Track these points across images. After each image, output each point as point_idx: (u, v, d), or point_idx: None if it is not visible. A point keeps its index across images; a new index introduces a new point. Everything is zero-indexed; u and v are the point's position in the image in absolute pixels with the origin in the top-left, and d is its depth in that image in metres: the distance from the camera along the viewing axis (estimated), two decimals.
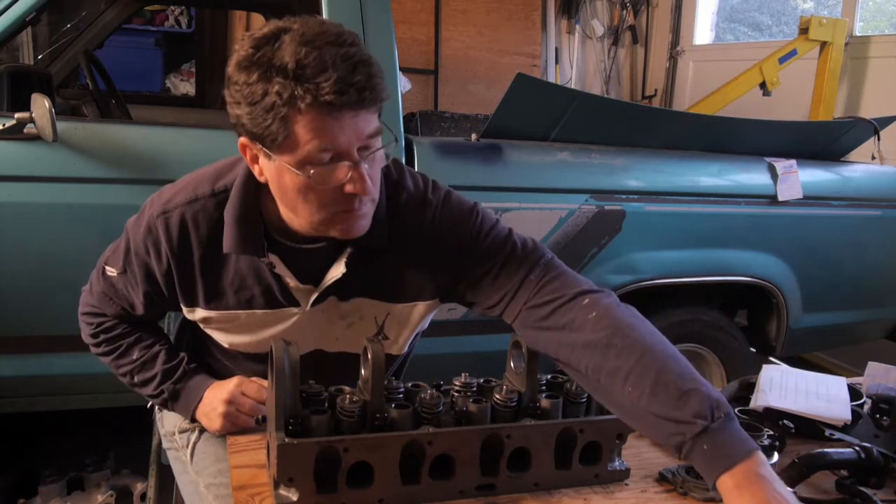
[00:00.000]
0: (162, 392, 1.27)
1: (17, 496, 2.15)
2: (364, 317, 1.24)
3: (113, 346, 1.31)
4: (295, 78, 0.95)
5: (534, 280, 1.13)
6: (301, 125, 0.97)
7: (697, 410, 0.94)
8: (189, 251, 1.17)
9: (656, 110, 3.84)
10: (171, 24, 5.26)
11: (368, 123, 1.01)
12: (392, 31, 2.14)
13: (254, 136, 1.02)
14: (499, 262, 1.16)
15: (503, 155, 2.20)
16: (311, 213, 1.06)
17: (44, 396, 2.09)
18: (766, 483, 0.89)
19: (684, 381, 0.97)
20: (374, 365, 0.99)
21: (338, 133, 0.98)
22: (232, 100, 1.02)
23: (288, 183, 1.03)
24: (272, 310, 1.20)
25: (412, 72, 4.80)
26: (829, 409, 1.28)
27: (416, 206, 1.19)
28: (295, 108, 0.96)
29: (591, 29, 5.63)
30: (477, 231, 1.18)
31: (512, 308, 1.14)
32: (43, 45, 4.04)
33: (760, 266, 2.51)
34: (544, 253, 1.18)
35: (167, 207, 1.16)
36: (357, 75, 0.96)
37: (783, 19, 5.32)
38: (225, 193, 1.15)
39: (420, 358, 2.21)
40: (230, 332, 1.25)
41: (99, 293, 1.29)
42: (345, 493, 0.97)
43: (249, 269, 1.17)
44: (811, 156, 2.65)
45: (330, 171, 1.01)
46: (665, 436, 0.97)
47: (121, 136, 1.95)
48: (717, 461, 0.91)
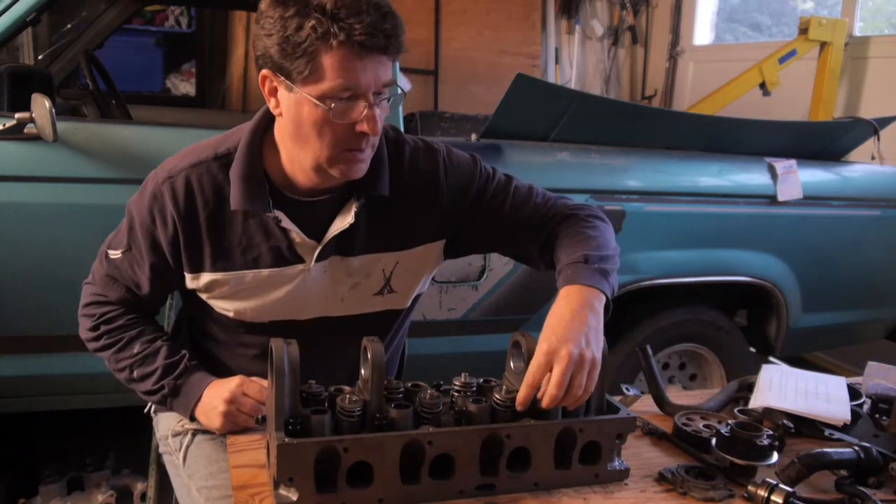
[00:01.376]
0: (162, 387, 1.27)
1: (17, 496, 2.15)
2: (371, 273, 1.28)
3: (114, 338, 1.31)
4: (332, 16, 1.03)
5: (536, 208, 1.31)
6: (330, 61, 1.05)
7: (587, 255, 1.15)
8: (195, 213, 1.20)
9: (656, 110, 3.84)
10: (171, 24, 5.26)
11: (387, 71, 1.10)
12: None
13: (279, 68, 1.08)
14: (506, 202, 1.30)
15: (503, 155, 2.20)
16: (321, 148, 1.12)
17: (44, 396, 2.09)
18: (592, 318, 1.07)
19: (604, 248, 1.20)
20: (374, 365, 0.99)
21: (360, 74, 1.06)
22: (263, 31, 1.08)
23: (305, 115, 1.10)
24: (278, 268, 1.23)
25: (412, 72, 4.80)
26: (828, 409, 1.28)
27: (424, 153, 1.29)
28: (327, 43, 1.04)
29: (591, 29, 5.63)
30: (484, 179, 1.31)
31: (516, 242, 1.33)
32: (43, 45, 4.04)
33: (760, 266, 2.51)
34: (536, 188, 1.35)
35: (172, 172, 1.21)
36: (387, 23, 1.06)
37: (783, 19, 5.32)
38: (228, 157, 1.20)
39: (420, 358, 2.22)
40: (234, 297, 1.25)
41: (102, 277, 1.31)
42: (345, 493, 0.97)
43: (257, 228, 1.21)
44: (811, 156, 2.65)
45: (349, 107, 1.08)
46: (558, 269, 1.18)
47: (121, 136, 1.95)
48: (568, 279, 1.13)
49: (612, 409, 1.11)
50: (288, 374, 0.97)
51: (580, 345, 1.03)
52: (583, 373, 1.02)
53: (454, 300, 2.21)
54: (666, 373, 2.64)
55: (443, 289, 2.19)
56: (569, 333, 1.04)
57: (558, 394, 1.01)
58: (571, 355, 1.01)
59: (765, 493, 1.02)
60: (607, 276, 1.15)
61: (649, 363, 1.34)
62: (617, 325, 2.46)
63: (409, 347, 2.23)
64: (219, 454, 1.28)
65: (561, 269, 1.17)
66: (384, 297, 1.31)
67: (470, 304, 2.23)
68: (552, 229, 1.28)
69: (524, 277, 2.25)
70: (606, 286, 1.13)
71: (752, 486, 1.04)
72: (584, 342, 1.03)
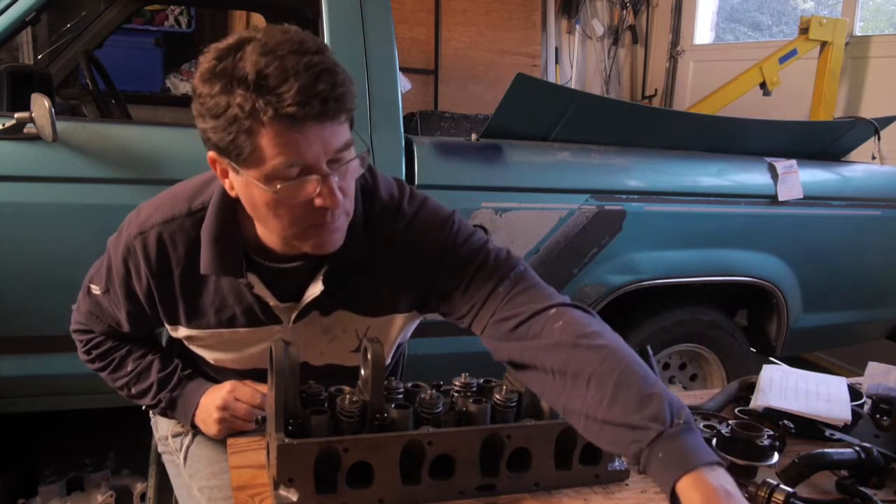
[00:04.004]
0: (159, 401, 1.27)
1: (17, 496, 2.15)
2: (346, 330, 1.22)
3: (106, 360, 1.30)
4: (256, 89, 0.91)
5: (502, 292, 1.09)
6: (265, 139, 0.93)
7: (655, 414, 0.87)
8: (168, 271, 1.14)
9: (656, 110, 3.84)
10: (171, 24, 5.25)
11: (336, 136, 0.97)
12: (392, 31, 2.14)
13: (220, 151, 0.98)
14: (470, 272, 1.12)
15: (503, 155, 2.20)
16: (283, 227, 1.02)
17: (44, 396, 2.08)
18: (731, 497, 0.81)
19: (646, 385, 0.91)
20: (374, 365, 0.99)
21: (303, 147, 0.94)
22: (197, 113, 0.98)
23: (257, 198, 1.00)
24: (255, 328, 1.19)
25: (412, 72, 4.79)
26: (829, 409, 1.28)
27: (389, 216, 1.15)
28: (258, 120, 0.92)
29: (591, 29, 5.63)
30: (451, 241, 1.14)
31: (479, 320, 1.11)
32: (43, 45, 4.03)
33: (760, 266, 2.51)
34: (517, 264, 1.13)
35: (143, 228, 1.14)
36: (320, 84, 0.92)
37: (783, 19, 5.32)
38: (202, 212, 1.12)
39: (420, 358, 2.22)
40: (214, 349, 1.24)
41: (86, 312, 1.29)
42: (345, 493, 0.97)
43: (230, 288, 1.15)
44: (811, 156, 2.65)
45: (298, 185, 0.96)
46: (624, 445, 0.89)
47: (121, 136, 1.95)
48: (674, 466, 0.83)
49: None
50: (288, 374, 0.97)
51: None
52: None
53: None
54: (666, 373, 2.64)
55: None
56: None
57: None
58: None
59: (765, 494, 1.02)
60: (695, 432, 0.88)
61: (650, 363, 1.34)
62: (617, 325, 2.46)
63: (409, 347, 2.24)
64: (220, 454, 1.27)
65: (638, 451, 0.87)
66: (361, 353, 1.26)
67: None
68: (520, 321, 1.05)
69: None
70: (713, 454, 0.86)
71: (752, 487, 1.04)
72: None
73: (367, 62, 2.09)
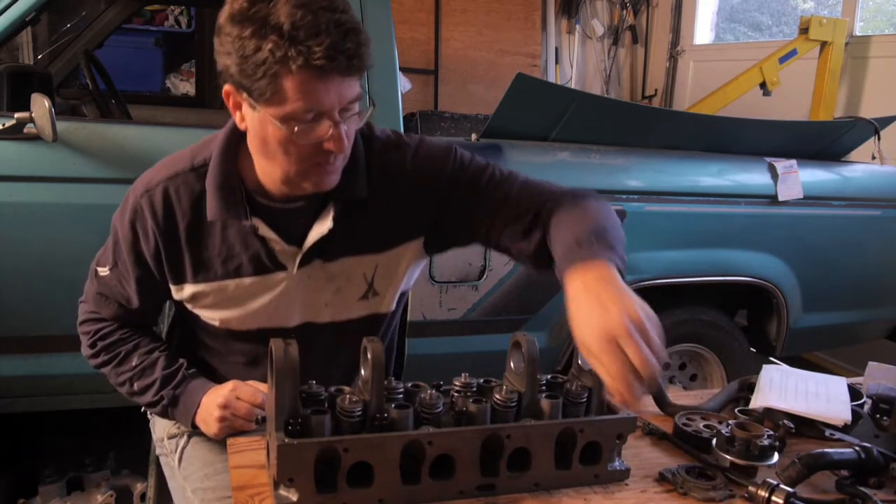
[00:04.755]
0: (161, 398, 1.27)
1: (17, 496, 2.15)
2: (352, 277, 1.26)
3: (111, 353, 1.30)
4: (289, 39, 0.99)
5: (514, 197, 1.22)
6: (290, 84, 1.02)
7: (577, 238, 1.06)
8: (174, 225, 1.20)
9: (656, 110, 3.84)
10: (171, 24, 5.26)
11: (351, 89, 1.07)
12: (392, 31, 2.14)
13: (240, 87, 1.06)
14: (482, 185, 1.23)
15: (503, 155, 2.20)
16: (289, 164, 1.10)
17: (44, 396, 2.09)
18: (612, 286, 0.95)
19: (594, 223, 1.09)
20: (374, 365, 0.99)
21: (323, 96, 1.03)
22: (222, 49, 1.05)
23: (270, 134, 1.08)
24: (260, 276, 1.22)
25: (412, 72, 4.80)
26: (829, 409, 1.27)
27: (392, 150, 1.25)
28: (286, 67, 1.00)
29: (591, 29, 5.63)
30: (459, 164, 1.25)
31: (496, 227, 1.22)
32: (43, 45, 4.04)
33: (760, 266, 2.51)
34: (518, 174, 1.27)
35: (149, 186, 1.20)
36: (347, 42, 1.01)
37: (783, 19, 5.32)
38: (204, 167, 1.19)
39: (420, 358, 2.22)
40: (218, 307, 1.25)
41: (94, 296, 1.31)
42: (345, 493, 0.97)
43: (236, 236, 1.20)
44: (811, 156, 2.65)
45: (312, 128, 1.06)
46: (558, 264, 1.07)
47: (121, 136, 1.95)
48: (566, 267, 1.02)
49: (613, 409, 1.11)
50: (288, 374, 0.97)
51: (622, 310, 0.91)
52: (649, 331, 0.91)
53: (454, 300, 2.21)
54: (666, 373, 2.64)
55: (443, 289, 2.19)
56: (603, 309, 0.92)
57: (650, 369, 0.88)
58: (625, 325, 0.90)
59: (765, 494, 1.02)
60: (612, 248, 1.04)
61: None
62: None
63: (409, 347, 2.24)
64: (214, 456, 1.28)
65: (558, 264, 1.07)
66: (368, 300, 1.28)
67: (470, 304, 2.23)
68: (536, 220, 1.19)
69: (524, 277, 2.25)
70: (612, 256, 1.02)
71: (752, 487, 1.04)
72: (622, 306, 0.92)
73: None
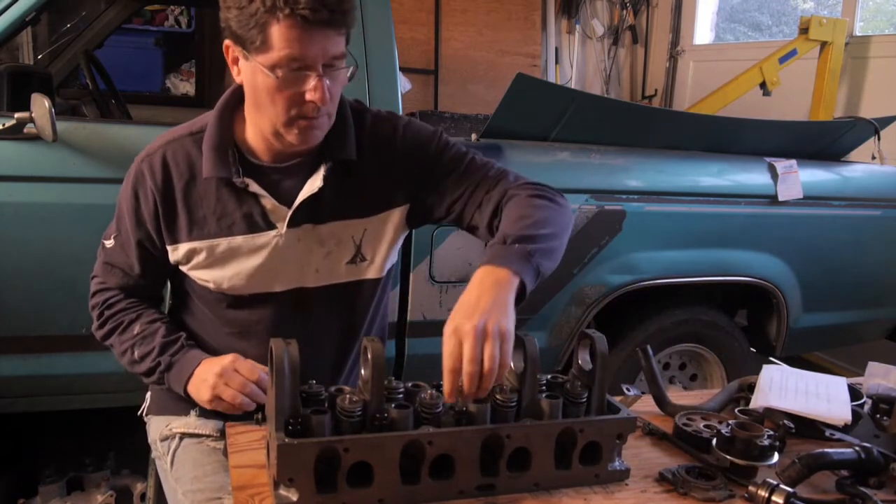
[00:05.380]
0: (158, 364, 1.29)
1: (17, 496, 2.15)
2: (341, 241, 1.32)
3: (116, 321, 1.35)
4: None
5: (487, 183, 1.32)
6: (277, 33, 1.11)
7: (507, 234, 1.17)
8: (171, 185, 1.28)
9: (656, 110, 3.84)
10: (171, 24, 5.26)
11: (335, 45, 1.15)
12: (392, 31, 2.14)
13: (236, 38, 1.16)
14: (460, 169, 1.34)
15: (503, 155, 2.20)
16: (276, 114, 1.18)
17: (44, 396, 2.09)
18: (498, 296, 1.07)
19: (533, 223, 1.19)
20: (375, 365, 0.99)
21: (306, 46, 1.12)
22: (224, 4, 1.15)
23: (260, 83, 1.16)
24: (251, 234, 1.27)
25: (412, 72, 4.80)
26: (829, 409, 1.28)
27: (384, 121, 1.35)
28: (274, 16, 1.10)
29: (591, 29, 5.63)
30: (444, 144, 1.36)
31: (468, 209, 1.32)
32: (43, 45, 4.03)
33: (760, 266, 2.51)
34: (494, 163, 1.38)
35: (150, 151, 1.30)
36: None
37: (783, 19, 5.32)
38: (201, 133, 1.28)
39: (420, 358, 2.22)
40: (211, 266, 1.29)
41: (101, 265, 1.38)
42: (345, 493, 0.97)
43: (230, 196, 1.27)
44: (811, 156, 2.65)
45: (296, 77, 1.14)
46: None
47: (121, 136, 1.95)
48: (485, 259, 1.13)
49: (613, 409, 1.11)
50: (288, 374, 0.97)
51: (484, 318, 1.03)
52: (492, 343, 1.01)
53: (454, 300, 2.19)
54: (666, 373, 2.64)
55: (443, 289, 2.19)
56: (473, 311, 1.04)
57: (473, 369, 1.00)
58: (476, 328, 1.02)
59: (765, 494, 1.02)
60: (528, 258, 1.13)
61: (650, 363, 1.34)
62: (617, 325, 2.46)
63: (409, 347, 2.24)
64: (205, 458, 1.29)
65: (485, 251, 1.18)
66: (357, 265, 1.34)
67: None
68: (497, 206, 1.29)
69: None
70: (523, 267, 1.12)
71: (752, 487, 1.04)
72: (488, 316, 1.03)
73: (367, 62, 2.09)
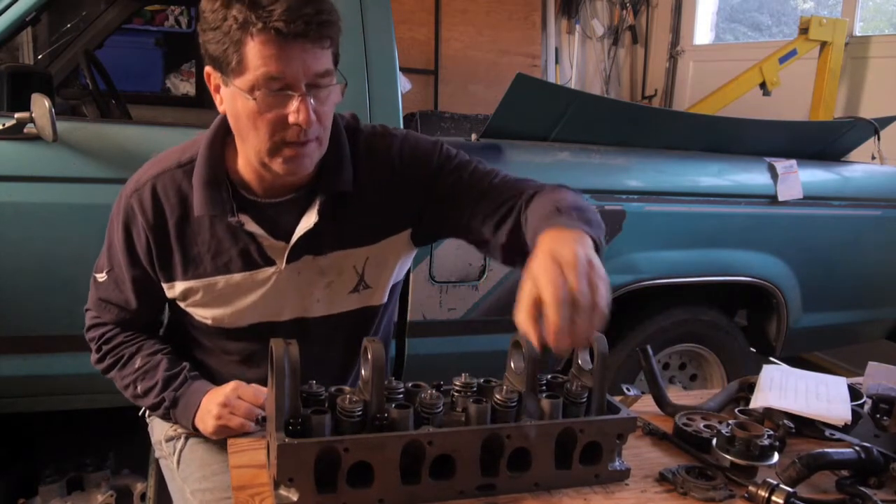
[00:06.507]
0: (163, 400, 1.27)
1: (17, 496, 2.15)
2: (343, 271, 1.26)
3: (116, 356, 1.31)
4: (250, 5, 1.02)
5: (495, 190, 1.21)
6: (252, 50, 1.04)
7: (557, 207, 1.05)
8: (163, 222, 1.21)
9: (656, 110, 3.84)
10: (171, 24, 5.26)
11: (317, 60, 1.06)
12: (392, 31, 2.14)
13: (215, 62, 1.09)
14: (464, 179, 1.24)
15: (503, 155, 2.20)
16: (259, 140, 1.10)
17: (44, 396, 2.09)
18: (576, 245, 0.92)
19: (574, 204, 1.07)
20: (375, 365, 0.99)
21: (284, 62, 1.04)
22: (200, 28, 1.09)
23: (240, 108, 1.09)
24: (249, 272, 1.22)
25: (412, 72, 4.80)
26: (829, 409, 1.28)
27: (378, 140, 1.25)
28: (247, 32, 1.03)
29: (591, 29, 5.63)
30: (445, 156, 1.26)
31: (475, 219, 1.22)
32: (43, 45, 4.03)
33: (760, 266, 2.51)
34: (499, 170, 1.27)
35: (138, 185, 1.23)
36: (307, 7, 1.03)
37: (783, 19, 5.32)
38: (191, 164, 1.20)
39: (420, 358, 2.22)
40: (210, 304, 1.25)
41: (95, 302, 1.32)
42: (345, 493, 0.97)
43: (224, 232, 1.21)
44: (811, 156, 2.65)
45: (276, 97, 1.06)
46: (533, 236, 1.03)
47: (121, 136, 1.95)
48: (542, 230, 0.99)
49: (613, 409, 1.11)
50: (288, 374, 0.97)
51: (585, 249, 0.90)
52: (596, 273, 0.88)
53: (454, 300, 2.21)
54: (666, 373, 2.64)
55: (443, 289, 2.19)
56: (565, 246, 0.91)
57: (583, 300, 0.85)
58: (578, 255, 0.88)
59: (765, 494, 1.02)
60: (587, 224, 1.03)
61: (650, 363, 1.34)
62: (617, 325, 2.46)
63: (409, 347, 2.24)
64: (212, 457, 1.28)
65: (533, 229, 1.05)
66: (360, 293, 1.29)
67: (470, 304, 2.23)
68: (510, 211, 1.19)
69: None
70: (587, 230, 1.00)
71: (752, 487, 1.04)
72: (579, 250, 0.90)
73: (367, 62, 2.09)
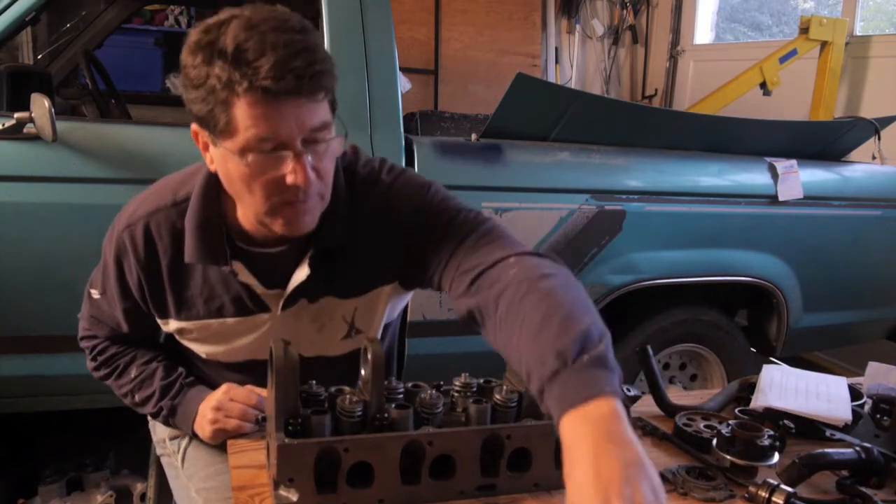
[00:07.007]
0: (161, 409, 1.27)
1: (17, 496, 2.15)
2: (333, 317, 1.23)
3: (111, 367, 1.31)
4: (234, 61, 0.93)
5: (469, 244, 1.09)
6: (240, 111, 0.95)
7: (562, 350, 0.83)
8: (156, 262, 1.17)
9: (656, 110, 3.84)
10: (171, 24, 5.25)
11: (312, 115, 0.98)
12: (392, 31, 2.13)
13: (201, 121, 1.01)
14: (440, 227, 1.13)
15: (503, 155, 2.20)
16: (255, 203, 1.03)
17: (44, 396, 2.08)
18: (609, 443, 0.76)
19: (568, 320, 0.87)
20: (374, 365, 0.99)
21: (276, 121, 0.96)
22: (182, 84, 1.01)
23: (232, 171, 1.02)
24: (243, 317, 1.20)
25: (412, 72, 4.79)
26: (829, 409, 1.27)
27: (367, 187, 1.17)
28: (233, 92, 0.94)
29: (591, 29, 5.63)
30: (427, 203, 1.16)
31: (448, 272, 1.10)
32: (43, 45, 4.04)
33: (760, 266, 2.51)
34: (487, 220, 1.14)
35: (131, 221, 1.17)
36: (297, 60, 0.93)
37: (783, 19, 5.32)
38: (186, 203, 1.14)
39: (420, 358, 2.22)
40: (204, 342, 1.24)
41: (88, 317, 1.31)
42: (345, 493, 0.97)
43: (217, 277, 1.17)
44: (811, 156, 2.65)
45: (270, 160, 0.98)
46: (532, 381, 0.86)
47: (121, 136, 1.95)
48: (562, 403, 0.80)
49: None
50: (288, 374, 0.97)
51: (628, 487, 0.73)
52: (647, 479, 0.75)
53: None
54: (666, 373, 2.64)
55: None
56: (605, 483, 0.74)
57: None
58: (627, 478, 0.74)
59: (766, 494, 1.02)
60: (603, 364, 0.83)
61: (650, 364, 1.34)
62: (617, 325, 2.46)
63: (409, 347, 2.24)
64: (217, 455, 1.28)
65: (540, 388, 0.84)
66: (352, 339, 1.25)
67: None
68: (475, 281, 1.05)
69: None
70: (609, 381, 0.81)
71: (753, 487, 1.04)
72: (628, 482, 0.74)
73: (367, 62, 2.09)
